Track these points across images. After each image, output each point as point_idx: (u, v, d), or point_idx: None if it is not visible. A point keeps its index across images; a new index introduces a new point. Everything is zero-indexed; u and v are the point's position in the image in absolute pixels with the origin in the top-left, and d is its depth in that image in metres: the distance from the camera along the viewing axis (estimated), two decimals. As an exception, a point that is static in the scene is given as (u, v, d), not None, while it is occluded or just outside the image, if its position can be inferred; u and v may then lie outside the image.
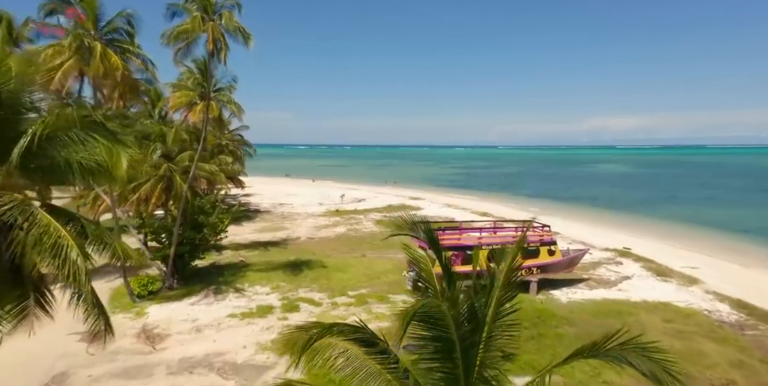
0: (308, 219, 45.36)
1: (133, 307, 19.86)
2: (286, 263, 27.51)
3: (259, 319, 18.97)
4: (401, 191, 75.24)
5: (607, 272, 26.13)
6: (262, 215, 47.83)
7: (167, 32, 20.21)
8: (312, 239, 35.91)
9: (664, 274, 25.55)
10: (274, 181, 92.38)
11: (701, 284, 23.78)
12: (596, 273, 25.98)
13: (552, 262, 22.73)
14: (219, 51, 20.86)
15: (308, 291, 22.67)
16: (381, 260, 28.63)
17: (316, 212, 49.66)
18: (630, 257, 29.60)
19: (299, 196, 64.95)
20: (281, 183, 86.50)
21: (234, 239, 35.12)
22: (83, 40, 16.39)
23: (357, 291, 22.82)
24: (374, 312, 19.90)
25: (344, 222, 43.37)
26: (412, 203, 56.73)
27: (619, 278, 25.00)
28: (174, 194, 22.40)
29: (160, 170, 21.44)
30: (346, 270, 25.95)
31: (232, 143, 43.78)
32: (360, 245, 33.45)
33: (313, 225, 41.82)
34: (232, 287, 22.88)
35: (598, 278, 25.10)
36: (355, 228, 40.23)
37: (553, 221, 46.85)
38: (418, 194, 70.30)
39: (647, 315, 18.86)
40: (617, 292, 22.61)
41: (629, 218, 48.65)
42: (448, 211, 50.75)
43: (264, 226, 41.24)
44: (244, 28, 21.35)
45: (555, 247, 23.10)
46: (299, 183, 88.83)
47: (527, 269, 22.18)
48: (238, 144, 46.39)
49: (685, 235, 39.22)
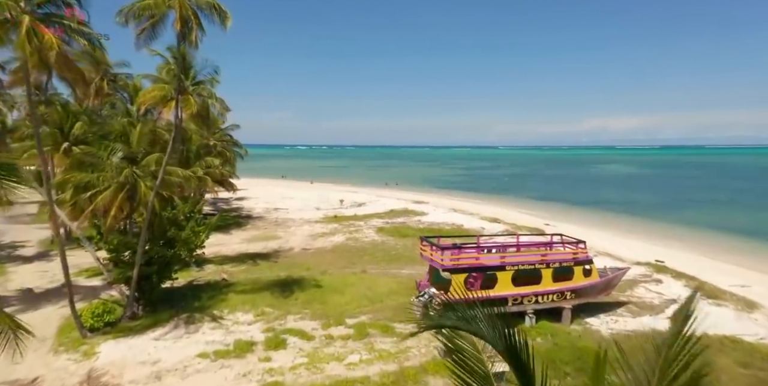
0: (304, 226, 41.76)
1: (82, 344, 16.22)
2: (276, 281, 23.92)
3: (236, 361, 15.35)
4: (403, 193, 71.67)
5: (647, 293, 22.52)
6: (254, 221, 44.21)
7: (125, 9, 16.67)
8: (307, 251, 32.29)
9: (715, 296, 21.95)
10: (270, 183, 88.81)
11: (763, 310, 20.21)
12: (635, 294, 22.38)
13: (588, 284, 19.15)
14: (190, 32, 17.29)
15: (299, 319, 19.06)
16: (384, 277, 25.05)
17: (313, 218, 46.05)
18: (668, 273, 26.02)
19: (296, 200, 61.35)
20: (278, 185, 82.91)
21: (220, 251, 31.58)
22: (9, 13, 12.81)
23: (356, 318, 19.23)
24: (377, 349, 16.33)
25: (343, 230, 39.78)
26: (416, 208, 53.13)
27: (663, 301, 21.39)
28: (138, 204, 18.82)
29: (121, 175, 17.87)
30: (344, 291, 22.33)
31: (220, 144, 40.21)
32: (360, 258, 29.86)
33: (308, 233, 38.21)
34: (209, 314, 19.26)
35: (638, 300, 21.50)
36: (354, 237, 36.63)
37: (569, 228, 43.46)
38: (421, 197, 66.72)
39: (716, 356, 15.26)
40: (666, 321, 19.01)
41: (650, 225, 45.06)
42: (454, 216, 47.14)
43: (255, 235, 37.63)
44: (220, 4, 17.83)
45: (592, 266, 19.51)
46: (297, 185, 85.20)
47: (559, 294, 18.63)
48: (227, 145, 42.80)
49: (716, 244, 35.66)
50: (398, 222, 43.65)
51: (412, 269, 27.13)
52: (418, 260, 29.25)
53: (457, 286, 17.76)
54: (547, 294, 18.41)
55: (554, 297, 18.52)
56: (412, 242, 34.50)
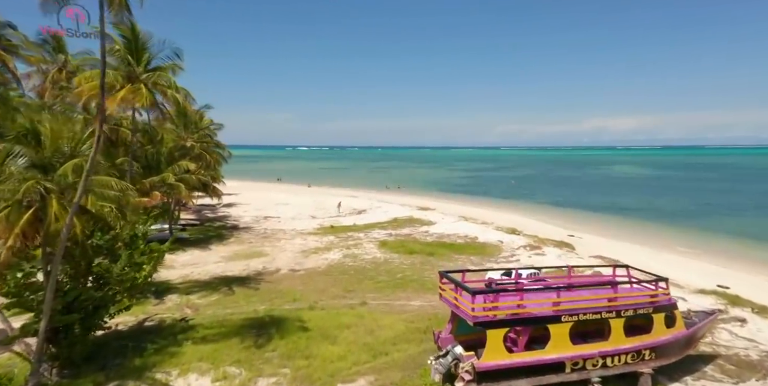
0: (295, 239, 36.53)
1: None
2: (250, 321, 18.72)
3: None
4: (406, 198, 66.51)
5: (735, 340, 17.22)
6: (239, 233, 39.00)
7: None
8: (295, 273, 27.05)
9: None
10: (265, 187, 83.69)
11: None
12: (719, 341, 17.07)
13: (673, 338, 13.87)
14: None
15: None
16: (389, 314, 19.81)
17: (307, 229, 40.84)
18: (746, 306, 20.75)
19: (290, 206, 56.16)
20: (272, 190, 77.71)
21: (191, 273, 26.41)
22: None
23: (353, 382, 14.02)
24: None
25: (340, 244, 34.56)
26: (422, 216, 47.91)
27: (761, 353, 16.11)
28: (49, 229, 13.61)
29: (22, 190, 12.71)
30: (336, 337, 17.10)
31: (199, 145, 35.04)
32: (359, 284, 24.64)
33: (300, 249, 32.97)
34: (149, 380, 14.05)
35: (727, 352, 16.18)
36: (353, 253, 31.40)
37: (596, 241, 38.19)
38: (426, 202, 61.55)
39: None
40: (783, 389, 13.78)
41: (687, 236, 39.77)
42: (466, 226, 41.90)
43: (237, 250, 32.39)
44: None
45: (675, 312, 14.23)
46: (293, 189, 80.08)
47: (635, 353, 13.38)
48: (209, 146, 37.61)
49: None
50: (403, 234, 38.42)
51: (422, 299, 21.96)
52: (429, 286, 24.02)
53: (494, 345, 12.54)
54: (618, 353, 13.17)
55: (628, 357, 13.27)
56: (420, 260, 29.33)
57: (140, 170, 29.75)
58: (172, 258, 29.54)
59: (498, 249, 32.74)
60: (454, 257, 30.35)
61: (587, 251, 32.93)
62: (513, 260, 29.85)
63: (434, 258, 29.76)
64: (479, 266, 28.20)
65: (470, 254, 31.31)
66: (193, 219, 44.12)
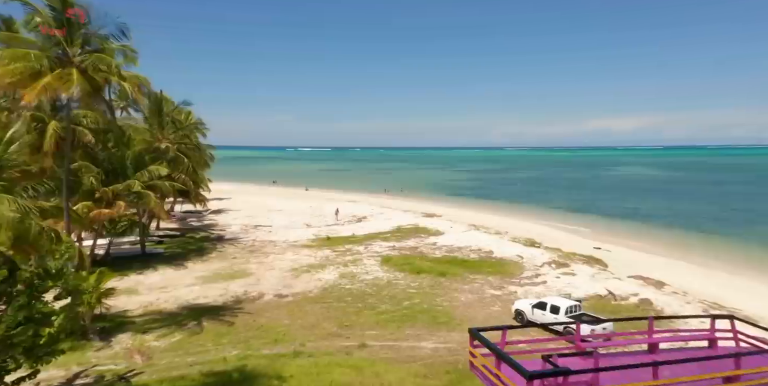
0: (286, 253, 32.14)
1: None
2: (215, 378, 14.35)
3: None
4: (410, 203, 62.10)
5: None
6: (224, 245, 34.61)
7: None
8: (282, 299, 22.65)
9: None
10: (260, 190, 79.42)
11: None
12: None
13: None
14: None
15: None
16: (395, 362, 15.42)
17: (300, 240, 36.45)
18: None
19: (284, 212, 51.77)
20: (267, 193, 73.31)
21: (156, 301, 22.05)
22: None
23: None
24: None
25: (336, 259, 30.16)
26: (428, 224, 43.49)
27: None
28: None
29: None
30: (325, 407, 12.73)
31: (174, 147, 30.65)
32: (358, 315, 20.24)
33: (290, 266, 28.56)
34: None
35: None
36: (351, 273, 27.01)
37: (631, 255, 33.07)
38: (432, 207, 57.15)
39: None
40: None
41: (731, 249, 35.25)
42: (477, 237, 37.45)
43: (217, 269, 28.00)
44: None
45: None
46: (290, 193, 75.70)
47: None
48: (187, 148, 33.18)
49: None
50: (408, 247, 34.00)
51: (436, 338, 17.63)
52: (443, 318, 19.65)
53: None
54: None
55: None
56: (429, 281, 24.95)
57: (102, 176, 25.43)
58: (138, 280, 25.22)
59: (519, 267, 28.32)
60: (469, 277, 25.93)
61: (622, 268, 28.50)
62: (539, 281, 25.43)
63: (446, 279, 25.35)
64: (500, 290, 23.82)
65: (487, 273, 26.90)
66: (173, 229, 39.77)
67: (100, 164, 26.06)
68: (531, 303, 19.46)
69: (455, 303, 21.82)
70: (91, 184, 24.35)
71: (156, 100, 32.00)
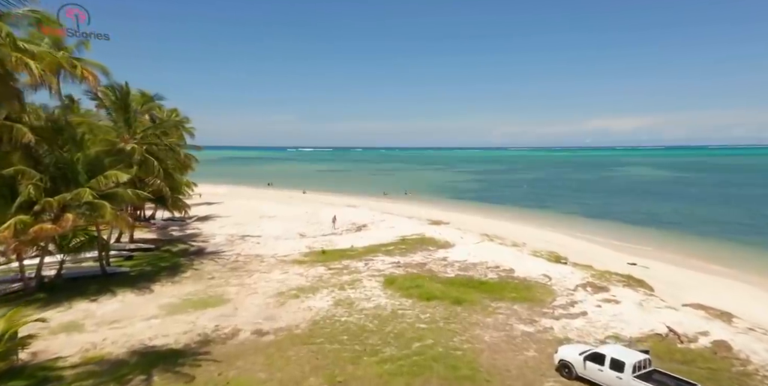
0: (273, 272, 27.62)
1: None
2: None
3: None
4: (414, 208, 57.67)
5: None
6: (202, 261, 30.08)
7: None
8: (261, 337, 18.12)
9: None
10: (255, 194, 74.97)
11: None
12: None
13: None
14: None
15: None
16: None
17: (291, 255, 31.94)
18: None
19: (277, 219, 47.27)
20: (262, 197, 68.83)
21: (102, 343, 17.50)
22: None
23: None
24: None
25: (331, 280, 25.63)
26: (435, 234, 38.92)
27: None
28: None
29: None
30: None
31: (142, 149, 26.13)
32: (355, 364, 15.72)
33: (275, 289, 24.03)
34: None
35: None
36: (348, 299, 22.47)
37: (674, 273, 27.47)
38: (437, 213, 52.75)
39: None
40: None
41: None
42: (493, 250, 32.87)
43: (188, 294, 23.43)
44: None
45: None
46: (285, 196, 71.31)
47: None
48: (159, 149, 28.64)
49: None
50: (415, 263, 29.47)
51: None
52: (465, 370, 15.11)
53: None
54: None
55: None
56: (443, 312, 20.47)
57: (47, 184, 20.97)
58: (89, 310, 20.70)
59: (548, 291, 23.76)
60: (491, 306, 21.39)
61: (670, 292, 24.04)
62: (576, 312, 20.86)
63: (463, 309, 20.82)
64: (531, 325, 19.28)
65: (512, 299, 22.36)
66: (150, 241, 35.27)
67: (45, 170, 21.62)
68: (581, 351, 14.93)
69: (478, 344, 17.31)
70: (28, 194, 19.90)
71: (122, 94, 27.53)
